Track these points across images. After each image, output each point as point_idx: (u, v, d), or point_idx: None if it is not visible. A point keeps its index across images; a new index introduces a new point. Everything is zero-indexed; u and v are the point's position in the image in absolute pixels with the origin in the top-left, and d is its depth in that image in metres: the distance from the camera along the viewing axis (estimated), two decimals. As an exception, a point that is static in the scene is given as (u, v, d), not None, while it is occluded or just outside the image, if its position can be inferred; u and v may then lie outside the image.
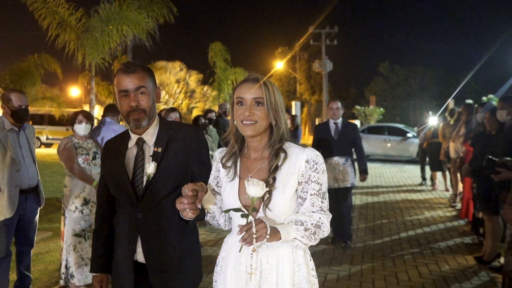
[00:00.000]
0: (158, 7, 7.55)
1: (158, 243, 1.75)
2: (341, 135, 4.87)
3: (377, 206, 7.44)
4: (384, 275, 4.07)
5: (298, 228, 1.48)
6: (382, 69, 39.14)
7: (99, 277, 1.90)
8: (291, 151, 1.56)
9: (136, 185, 1.75)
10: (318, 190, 1.53)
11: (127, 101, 1.71)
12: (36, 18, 8.14)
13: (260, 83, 1.55)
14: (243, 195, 1.54)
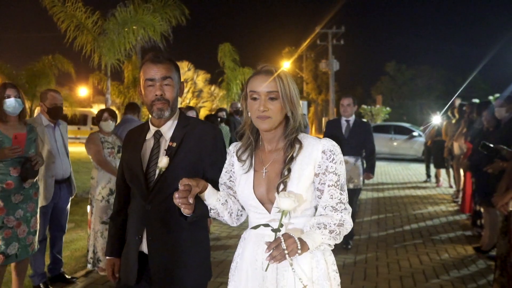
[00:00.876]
0: (170, 10, 7.87)
1: (163, 236, 1.75)
2: (352, 133, 4.60)
3: (382, 201, 7.71)
4: (387, 262, 4.35)
5: (322, 232, 1.44)
6: (389, 68, 39.20)
7: (112, 261, 1.93)
8: (307, 141, 1.52)
9: (149, 177, 1.77)
10: (336, 181, 1.48)
11: (152, 90, 1.72)
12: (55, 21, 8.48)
13: (274, 75, 1.49)
14: (258, 189, 1.53)
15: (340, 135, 4.59)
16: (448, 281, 3.85)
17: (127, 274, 1.81)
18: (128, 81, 12.39)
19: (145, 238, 1.76)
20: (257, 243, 1.52)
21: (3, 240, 2.81)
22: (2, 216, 2.80)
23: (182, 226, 1.72)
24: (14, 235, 2.85)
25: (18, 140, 2.76)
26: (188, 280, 1.78)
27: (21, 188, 2.88)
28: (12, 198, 2.84)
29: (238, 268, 1.59)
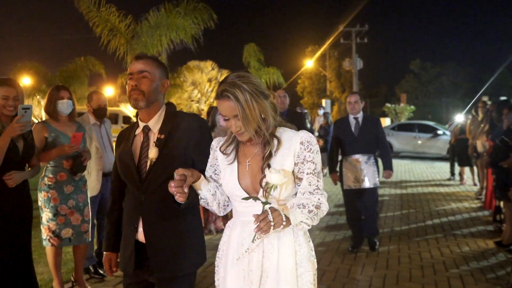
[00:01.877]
0: (200, 14, 8.23)
1: (158, 224, 1.84)
2: (362, 131, 4.47)
3: (405, 198, 7.86)
4: (409, 253, 4.56)
5: (302, 211, 1.53)
6: (413, 66, 38.75)
7: (108, 256, 2.02)
8: (285, 135, 1.62)
9: (141, 169, 1.86)
10: (313, 169, 1.59)
11: (130, 82, 1.84)
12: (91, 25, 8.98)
13: (232, 99, 1.52)
14: (243, 180, 1.63)
15: (350, 134, 4.47)
16: (467, 271, 4.03)
17: (126, 263, 1.90)
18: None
19: (141, 227, 1.85)
20: (243, 229, 1.62)
21: (57, 226, 3.18)
22: (56, 205, 3.17)
23: (177, 213, 1.81)
24: (68, 222, 3.21)
25: (76, 139, 3.11)
26: (185, 264, 1.87)
27: (72, 180, 3.24)
28: (64, 189, 3.21)
29: (224, 254, 1.69)
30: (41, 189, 3.20)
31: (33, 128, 3.08)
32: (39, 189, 3.22)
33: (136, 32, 8.69)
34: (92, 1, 8.86)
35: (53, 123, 3.25)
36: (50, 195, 3.16)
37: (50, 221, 3.17)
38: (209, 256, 2.08)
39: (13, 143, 2.67)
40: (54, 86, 3.40)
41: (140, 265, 1.88)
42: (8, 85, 2.66)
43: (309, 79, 38.37)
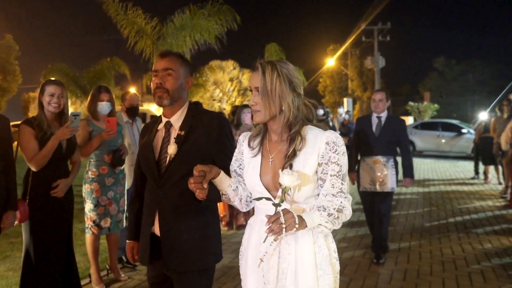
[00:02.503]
0: (223, 15, 8.44)
1: (173, 219, 1.85)
2: (384, 131, 4.19)
3: (427, 196, 7.87)
4: (430, 249, 4.62)
5: (321, 214, 1.48)
6: (437, 64, 38.07)
7: (131, 244, 2.07)
8: (310, 134, 1.57)
9: (160, 164, 1.88)
10: (338, 172, 1.53)
11: (155, 79, 1.87)
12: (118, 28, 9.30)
13: (259, 70, 1.53)
14: (264, 176, 1.60)
15: (370, 133, 4.23)
16: (489, 267, 4.07)
17: (141, 254, 1.96)
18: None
19: (157, 220, 1.88)
20: (262, 227, 1.56)
21: (97, 215, 3.42)
22: (97, 196, 3.41)
23: (192, 209, 1.84)
24: (107, 212, 3.45)
25: (110, 124, 3.31)
26: (200, 260, 1.88)
27: (113, 173, 3.48)
28: (106, 181, 3.45)
29: (245, 251, 1.69)
30: (85, 182, 3.45)
31: None
32: (83, 182, 3.47)
33: (162, 34, 8.96)
34: (120, 5, 9.17)
35: (93, 121, 3.49)
36: (92, 187, 3.40)
37: (91, 211, 3.41)
38: (233, 250, 2.19)
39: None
40: (96, 87, 3.64)
41: (157, 258, 1.90)
42: (55, 84, 2.90)
43: (331, 78, 38.19)
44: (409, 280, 3.73)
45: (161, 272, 1.94)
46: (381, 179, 4.13)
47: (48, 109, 2.89)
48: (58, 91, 2.88)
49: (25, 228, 2.94)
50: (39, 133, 2.84)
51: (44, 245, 2.89)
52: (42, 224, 2.88)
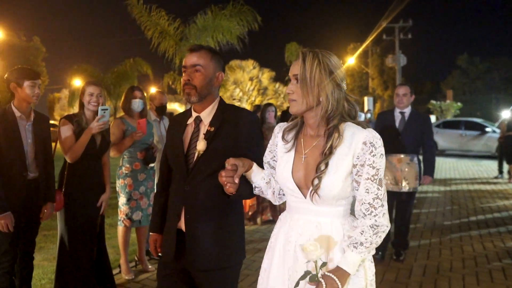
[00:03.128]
0: (244, 16, 8.59)
1: (199, 215, 1.82)
2: (407, 127, 4.00)
3: (449, 194, 7.83)
4: (451, 246, 4.65)
5: (360, 250, 1.43)
6: (460, 61, 37.33)
7: (154, 237, 2.04)
8: (348, 131, 1.47)
9: (189, 159, 1.84)
10: (373, 175, 1.43)
11: (183, 76, 1.83)
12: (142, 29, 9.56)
13: (300, 57, 1.46)
14: (296, 172, 1.53)
15: (393, 129, 4.03)
16: (510, 264, 4.08)
17: (166, 251, 1.91)
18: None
19: (183, 216, 1.85)
20: (292, 227, 1.55)
21: (130, 209, 3.61)
22: (130, 191, 3.60)
23: (219, 206, 1.82)
24: (138, 206, 3.63)
25: (140, 126, 3.51)
26: (222, 259, 1.84)
27: (145, 169, 3.66)
28: (138, 176, 3.63)
29: (272, 246, 1.63)
30: (119, 177, 3.65)
31: (112, 123, 3.52)
32: (117, 177, 3.67)
33: (185, 34, 9.18)
34: (143, 7, 9.43)
35: (128, 119, 3.67)
36: (126, 182, 3.59)
37: (124, 205, 3.60)
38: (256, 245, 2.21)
39: (92, 138, 3.08)
40: (129, 87, 3.84)
41: (180, 254, 1.86)
42: (94, 85, 3.10)
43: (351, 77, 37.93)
44: (429, 276, 3.79)
45: (177, 267, 1.89)
46: (404, 178, 3.94)
47: (88, 108, 3.08)
48: (97, 91, 3.07)
49: (60, 218, 3.14)
50: (77, 128, 3.04)
51: (77, 234, 3.08)
52: (75, 214, 3.07)
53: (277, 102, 33.65)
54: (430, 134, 4.12)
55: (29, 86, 2.73)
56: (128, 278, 3.67)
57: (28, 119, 2.81)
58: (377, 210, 1.44)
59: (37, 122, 2.87)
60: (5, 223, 2.62)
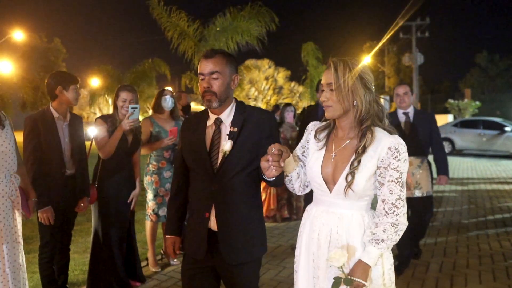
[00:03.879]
0: (262, 17, 8.74)
1: (229, 213, 1.90)
2: (414, 128, 3.84)
3: (465, 194, 7.85)
4: (467, 244, 4.72)
5: (381, 246, 1.58)
6: (479, 59, 36.79)
7: (172, 239, 2.06)
8: (377, 135, 1.60)
9: (212, 160, 1.90)
10: (397, 178, 1.57)
11: (202, 83, 1.88)
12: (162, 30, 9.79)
13: (331, 67, 1.60)
14: (325, 169, 1.67)
15: (399, 132, 3.30)
16: (527, 262, 4.14)
17: (196, 249, 1.94)
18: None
19: (213, 215, 1.90)
20: (316, 217, 1.71)
21: (156, 205, 3.80)
22: (157, 187, 3.79)
23: (246, 202, 1.92)
24: (164, 202, 3.82)
25: (172, 133, 3.71)
26: (251, 252, 1.96)
27: (171, 167, 3.84)
28: (164, 174, 3.82)
29: (300, 235, 1.81)
30: (146, 174, 3.85)
31: (142, 122, 3.72)
32: (145, 174, 3.87)
33: (204, 36, 9.37)
34: (164, 8, 9.65)
35: (157, 118, 3.87)
36: (153, 179, 3.79)
37: (150, 201, 3.80)
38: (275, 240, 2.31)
39: (124, 136, 3.28)
40: (160, 90, 4.04)
41: (208, 252, 1.92)
42: (127, 90, 3.29)
43: (367, 76, 37.74)
44: (445, 272, 3.88)
45: (205, 265, 1.97)
46: (416, 182, 3.78)
47: (121, 112, 3.28)
48: (129, 97, 3.27)
49: (93, 213, 3.35)
50: (111, 127, 3.24)
51: (110, 228, 3.28)
52: (108, 209, 3.28)
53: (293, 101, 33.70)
54: (437, 131, 3.97)
55: (74, 89, 2.95)
56: (155, 270, 3.86)
57: (65, 120, 3.02)
58: (399, 210, 1.58)
59: (72, 122, 3.08)
60: (47, 216, 2.83)
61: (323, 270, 1.66)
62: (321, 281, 1.67)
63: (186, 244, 2.02)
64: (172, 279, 3.70)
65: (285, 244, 4.68)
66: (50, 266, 3.02)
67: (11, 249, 2.41)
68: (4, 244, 2.37)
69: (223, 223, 1.90)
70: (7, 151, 2.39)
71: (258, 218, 2.01)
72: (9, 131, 2.46)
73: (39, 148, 2.85)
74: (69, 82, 2.97)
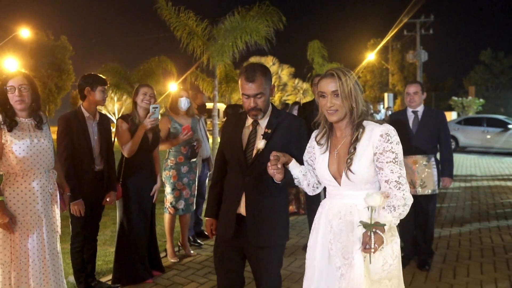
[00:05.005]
0: (270, 16, 8.94)
1: (258, 201, 2.19)
2: (422, 127, 3.87)
3: (468, 190, 8.04)
4: (470, 238, 4.93)
5: (393, 214, 1.75)
6: (484, 57, 36.76)
7: (210, 221, 2.41)
8: (369, 127, 1.84)
9: (247, 155, 2.20)
10: (394, 158, 1.77)
11: (248, 101, 2.16)
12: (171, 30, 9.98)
13: (335, 76, 1.81)
14: (331, 166, 1.90)
15: (407, 130, 3.87)
16: (527, 255, 4.34)
17: (225, 230, 2.25)
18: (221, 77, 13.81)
19: (243, 202, 2.20)
20: (330, 209, 1.92)
21: (174, 198, 4.02)
22: (174, 181, 4.01)
23: (273, 194, 2.20)
24: (181, 195, 4.04)
25: (185, 130, 3.89)
26: (274, 238, 2.23)
27: (188, 162, 4.07)
28: (182, 169, 4.04)
29: (316, 228, 2.00)
30: (165, 168, 4.07)
31: (160, 120, 3.94)
32: (163, 168, 4.09)
33: (212, 34, 9.57)
34: (172, 9, 9.84)
35: (175, 116, 4.09)
36: (171, 173, 4.01)
37: (168, 194, 4.02)
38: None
39: (145, 134, 3.50)
40: (179, 89, 4.26)
41: (236, 234, 2.22)
42: (147, 86, 3.55)
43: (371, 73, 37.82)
44: (448, 263, 4.09)
45: (234, 245, 2.27)
46: (422, 180, 3.84)
47: (141, 106, 3.51)
48: (150, 91, 3.52)
49: (118, 207, 3.58)
50: (132, 126, 3.46)
51: (134, 221, 3.51)
52: (132, 202, 3.51)
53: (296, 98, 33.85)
54: (446, 131, 3.97)
55: (100, 91, 3.16)
56: (173, 261, 4.09)
57: (94, 119, 3.24)
58: (404, 186, 1.78)
59: (101, 121, 3.30)
60: (78, 209, 3.06)
61: (339, 257, 1.83)
62: (335, 269, 1.85)
63: (218, 225, 2.35)
64: (190, 269, 3.93)
65: (295, 237, 4.91)
66: (80, 255, 3.25)
67: (50, 237, 2.65)
68: (45, 233, 2.61)
69: (251, 209, 2.19)
70: (46, 149, 2.62)
71: (282, 209, 2.29)
72: (47, 131, 2.69)
73: (71, 145, 3.08)
74: (96, 83, 3.19)
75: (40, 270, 2.57)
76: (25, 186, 2.54)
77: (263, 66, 2.22)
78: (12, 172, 2.53)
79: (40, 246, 2.58)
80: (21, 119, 2.56)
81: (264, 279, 2.27)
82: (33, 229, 2.56)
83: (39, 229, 2.59)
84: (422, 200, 3.90)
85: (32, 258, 2.54)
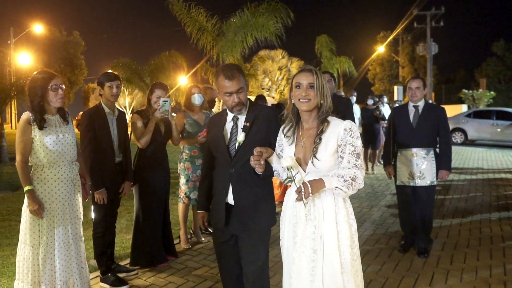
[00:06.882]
0: (278, 12, 9.13)
1: (244, 190, 2.35)
2: (422, 121, 4.06)
3: (473, 182, 8.18)
4: (470, 228, 5.11)
5: (338, 179, 1.98)
6: (496, 48, 36.25)
7: (202, 214, 2.59)
8: (333, 121, 2.09)
9: (231, 149, 2.36)
10: (353, 151, 2.03)
11: (231, 98, 2.32)
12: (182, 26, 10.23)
13: (313, 72, 2.07)
14: (297, 155, 2.11)
15: (407, 124, 4.09)
16: (524, 244, 4.51)
17: (218, 220, 2.41)
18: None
19: (230, 192, 2.36)
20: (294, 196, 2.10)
21: (188, 188, 4.28)
22: (189, 173, 4.27)
23: (257, 182, 2.34)
24: (195, 186, 4.29)
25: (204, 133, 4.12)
26: (261, 222, 2.39)
27: (202, 155, 4.31)
28: (196, 162, 4.29)
29: (284, 215, 2.24)
30: (180, 161, 4.33)
31: (176, 116, 4.19)
32: (179, 161, 4.35)
33: (222, 30, 9.80)
34: (183, 5, 10.08)
35: (189, 112, 4.34)
36: (185, 165, 4.27)
37: (183, 185, 4.29)
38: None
39: (157, 127, 3.75)
40: (189, 86, 4.49)
41: (228, 222, 2.39)
42: (161, 89, 3.78)
43: (381, 66, 37.64)
44: (447, 250, 4.29)
45: (228, 233, 2.44)
46: (420, 172, 4.02)
47: (153, 106, 3.75)
48: (163, 94, 3.75)
49: (135, 195, 3.85)
50: (145, 120, 3.72)
51: (148, 208, 3.78)
52: (146, 192, 3.77)
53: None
54: (445, 126, 4.13)
55: (108, 87, 3.41)
56: (186, 247, 4.36)
57: (113, 115, 3.50)
58: (357, 170, 2.02)
59: (119, 117, 3.56)
60: (101, 197, 3.33)
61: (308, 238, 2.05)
62: (299, 246, 2.09)
63: (210, 216, 2.54)
64: (201, 255, 4.19)
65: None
66: (101, 241, 3.53)
67: (73, 223, 2.92)
68: (69, 219, 2.88)
69: (238, 198, 2.36)
70: (70, 143, 2.88)
71: (267, 195, 2.44)
72: (71, 126, 2.95)
73: (94, 139, 3.34)
74: (104, 80, 3.44)
75: (65, 253, 2.84)
76: (51, 177, 2.81)
77: (236, 65, 2.44)
78: (40, 164, 2.80)
79: (64, 231, 2.85)
80: (49, 116, 2.82)
81: (251, 265, 2.41)
82: (59, 216, 2.83)
83: (64, 215, 2.86)
84: (421, 191, 4.09)
85: (58, 242, 2.81)
